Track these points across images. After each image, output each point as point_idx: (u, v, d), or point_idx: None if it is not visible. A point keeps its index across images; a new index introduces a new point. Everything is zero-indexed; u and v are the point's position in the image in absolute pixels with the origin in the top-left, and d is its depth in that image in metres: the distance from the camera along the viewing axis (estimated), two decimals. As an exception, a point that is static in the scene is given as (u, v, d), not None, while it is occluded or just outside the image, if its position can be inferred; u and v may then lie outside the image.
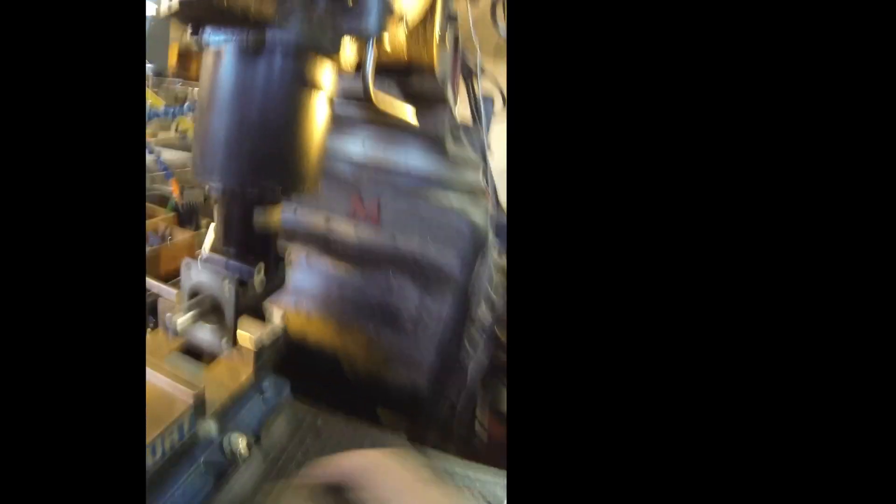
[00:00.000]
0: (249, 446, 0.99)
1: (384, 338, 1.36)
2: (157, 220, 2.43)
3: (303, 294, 1.41)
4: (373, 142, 1.36)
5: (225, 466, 0.94)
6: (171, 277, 2.32)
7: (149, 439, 0.76)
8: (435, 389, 1.35)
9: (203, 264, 0.75)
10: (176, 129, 3.66)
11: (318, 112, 0.71)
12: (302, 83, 0.68)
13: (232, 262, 0.75)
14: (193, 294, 0.76)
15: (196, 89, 2.65)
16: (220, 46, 0.67)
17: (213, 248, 0.77)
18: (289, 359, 1.15)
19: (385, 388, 1.38)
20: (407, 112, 0.93)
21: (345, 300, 1.38)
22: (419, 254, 1.31)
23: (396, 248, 1.33)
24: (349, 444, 1.07)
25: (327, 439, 1.08)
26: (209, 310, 0.73)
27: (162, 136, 3.61)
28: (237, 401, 1.03)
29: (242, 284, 0.74)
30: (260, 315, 0.83)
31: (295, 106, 0.68)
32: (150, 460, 0.77)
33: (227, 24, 0.65)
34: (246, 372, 1.06)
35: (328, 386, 1.36)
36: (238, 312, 0.73)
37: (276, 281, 0.82)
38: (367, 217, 1.34)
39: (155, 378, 0.88)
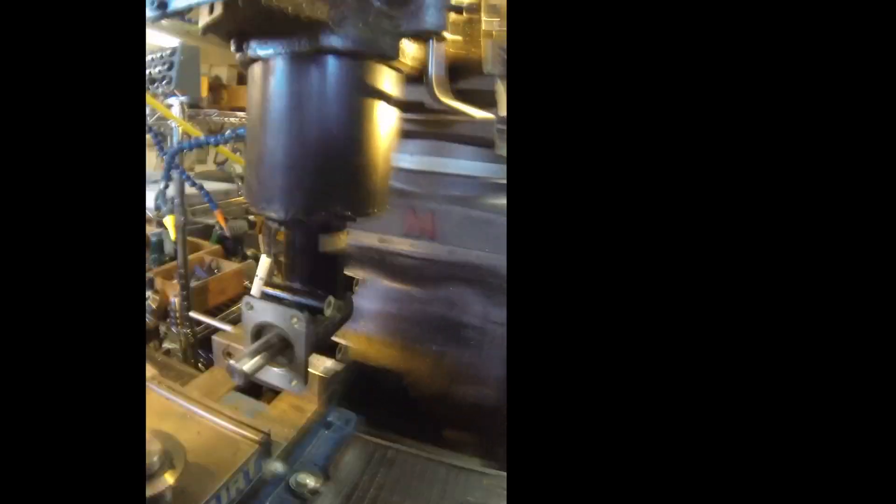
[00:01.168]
0: (319, 484, 0.94)
1: (449, 355, 1.31)
2: (203, 254, 2.43)
3: (362, 317, 1.37)
4: (421, 151, 1.31)
5: (296, 508, 0.91)
6: (221, 310, 2.32)
7: (213, 487, 0.73)
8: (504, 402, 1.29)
9: (267, 301, 0.68)
10: (215, 160, 3.69)
11: (383, 123, 0.65)
12: (363, 92, 0.62)
13: (298, 298, 0.69)
14: (257, 333, 0.70)
15: (230, 119, 2.65)
16: (270, 59, 0.60)
17: (273, 283, 0.72)
18: (353, 386, 1.11)
19: (453, 406, 1.33)
20: (470, 109, 0.87)
21: (406, 320, 1.34)
22: (478, 263, 1.26)
23: (455, 260, 1.28)
24: (422, 473, 1.02)
25: (400, 470, 1.03)
26: (277, 350, 0.68)
27: (199, 168, 3.64)
28: (303, 437, 1.00)
29: (313, 320, 0.67)
30: (330, 349, 0.77)
31: (358, 118, 0.62)
32: None
33: (275, 33, 0.59)
34: (311, 406, 1.04)
35: (395, 411, 1.33)
36: (310, 350, 0.67)
37: (345, 311, 0.76)
38: (423, 231, 1.30)
39: (216, 421, 0.86)
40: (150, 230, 2.59)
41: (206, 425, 0.86)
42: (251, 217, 2.99)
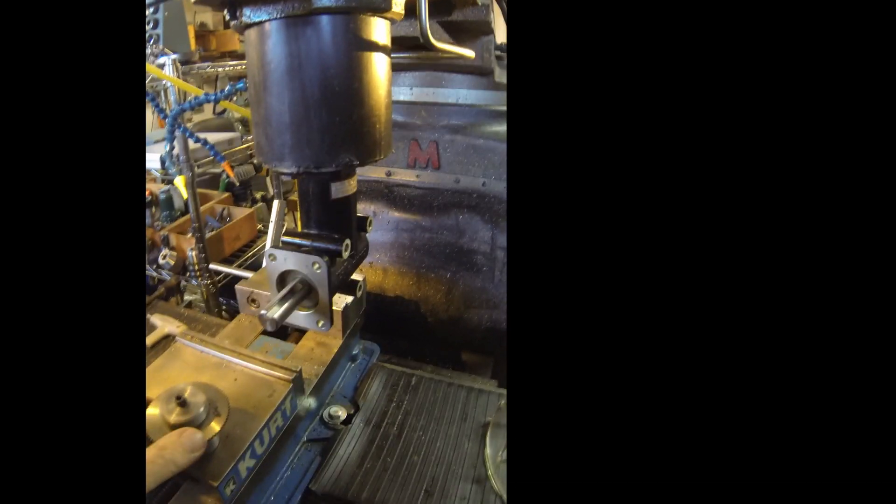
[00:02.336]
0: (350, 416, 1.00)
1: (462, 281, 1.35)
2: (213, 203, 2.45)
3: (376, 250, 1.41)
4: (420, 83, 1.33)
5: (329, 439, 0.96)
6: (237, 256, 2.36)
7: (256, 428, 0.77)
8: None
9: (288, 250, 0.73)
10: (214, 110, 3.66)
11: (381, 72, 0.67)
12: (359, 47, 0.64)
13: (317, 243, 0.73)
14: (282, 281, 0.74)
15: (223, 68, 2.63)
16: (264, 23, 0.63)
17: (291, 232, 0.76)
18: (373, 318, 1.15)
19: (468, 331, 1.38)
20: (463, 51, 0.89)
21: (418, 249, 1.38)
22: (483, 190, 1.29)
23: (460, 188, 1.31)
24: (444, 397, 1.07)
25: (423, 395, 1.08)
26: (302, 295, 0.72)
27: (198, 118, 3.62)
28: (331, 372, 1.05)
29: (332, 263, 0.72)
30: (349, 288, 0.81)
31: (356, 72, 0.64)
32: (259, 449, 0.78)
33: (267, -1, 0.61)
34: (336, 342, 1.07)
35: (413, 339, 1.38)
36: (332, 292, 0.72)
37: (360, 251, 0.80)
38: (428, 162, 1.32)
39: (250, 367, 0.89)
40: (158, 188, 2.61)
41: (240, 371, 0.88)
42: (256, 161, 3.00)
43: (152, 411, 0.74)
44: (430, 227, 1.36)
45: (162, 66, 1.84)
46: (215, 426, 0.73)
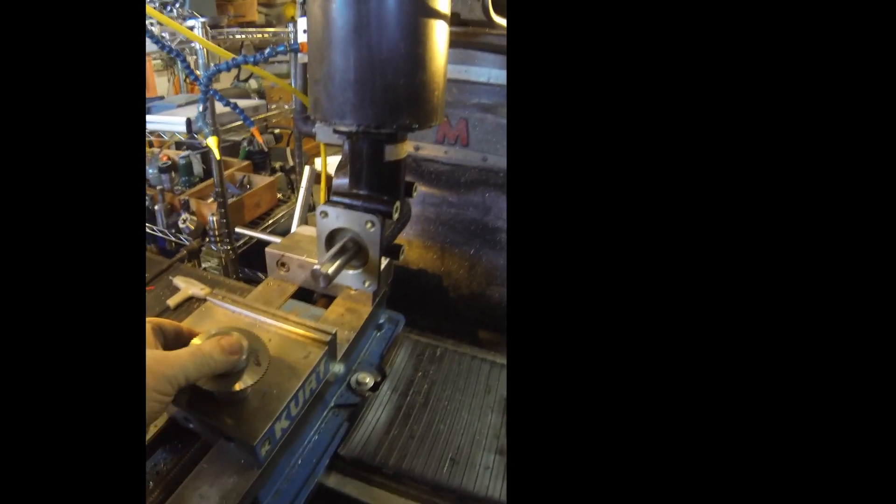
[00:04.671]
0: (377, 383, 1.01)
1: (485, 258, 1.36)
2: (234, 171, 2.47)
3: (404, 223, 1.40)
4: (452, 60, 1.32)
5: (356, 406, 0.97)
6: (257, 224, 2.38)
7: (293, 388, 0.77)
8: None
9: (341, 208, 0.73)
10: (238, 77, 3.67)
11: (442, 40, 0.68)
12: (426, 13, 0.64)
13: (368, 203, 0.73)
14: (330, 239, 0.75)
15: (251, 36, 2.63)
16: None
17: (339, 192, 0.76)
18: (395, 290, 1.16)
19: (489, 307, 1.39)
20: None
21: (443, 224, 1.38)
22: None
23: (487, 166, 1.32)
24: (468, 369, 1.08)
25: (447, 367, 1.09)
26: (353, 254, 0.73)
27: (213, 87, 3.61)
28: (359, 339, 1.05)
29: (382, 224, 0.73)
30: (393, 252, 0.82)
31: (423, 37, 0.65)
32: (294, 410, 0.78)
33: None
34: (365, 309, 1.07)
35: (434, 314, 1.38)
36: (382, 252, 0.73)
37: (405, 215, 0.81)
38: (457, 139, 1.32)
39: (284, 327, 0.89)
40: (178, 154, 2.62)
41: (274, 332, 0.88)
42: (276, 131, 3.02)
43: None
44: (457, 203, 1.37)
45: (191, 29, 1.84)
46: (252, 376, 0.74)
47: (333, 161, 0.95)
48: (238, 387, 0.71)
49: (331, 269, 0.68)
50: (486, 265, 1.37)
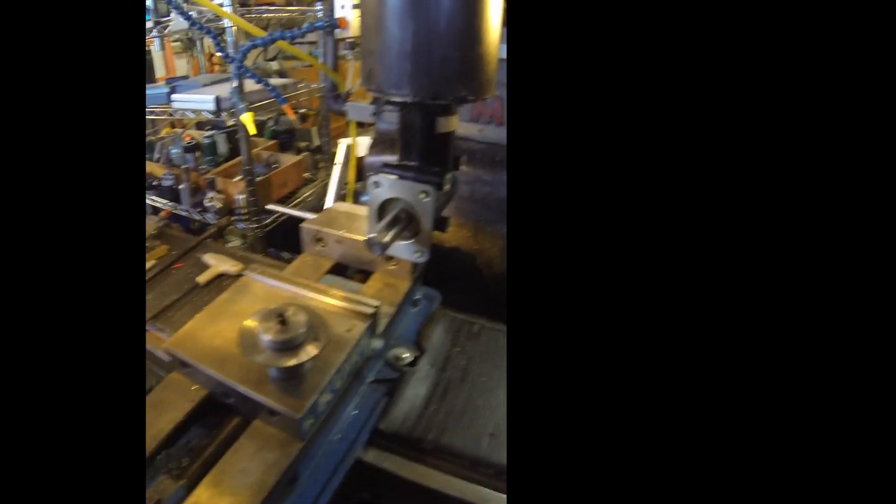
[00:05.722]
0: (415, 359, 1.02)
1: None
2: (260, 150, 2.48)
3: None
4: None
5: (393, 381, 0.97)
6: (283, 202, 2.39)
7: (338, 361, 0.77)
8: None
9: (395, 178, 0.74)
10: (263, 57, 3.67)
11: (496, 14, 0.67)
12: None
13: (420, 174, 0.73)
14: (381, 209, 0.75)
15: (281, 14, 2.63)
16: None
17: (389, 164, 0.76)
18: (429, 268, 1.16)
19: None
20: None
21: (477, 202, 1.37)
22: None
23: (522, 145, 1.30)
24: (504, 346, 1.08)
25: (484, 343, 1.09)
26: (406, 224, 0.73)
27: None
28: (397, 315, 1.05)
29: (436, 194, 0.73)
30: (440, 224, 0.82)
31: (480, 10, 0.64)
32: (338, 384, 0.79)
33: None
34: (404, 284, 1.08)
35: (469, 290, 1.38)
36: (434, 223, 0.73)
37: (454, 188, 0.81)
38: (491, 118, 1.32)
39: (326, 300, 0.90)
40: (202, 134, 2.63)
41: (315, 305, 0.88)
42: (302, 111, 3.02)
43: (249, 324, 0.75)
44: (491, 182, 1.36)
45: (221, 6, 1.85)
46: (312, 349, 0.74)
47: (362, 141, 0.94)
48: (293, 362, 0.72)
49: (386, 238, 0.69)
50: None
